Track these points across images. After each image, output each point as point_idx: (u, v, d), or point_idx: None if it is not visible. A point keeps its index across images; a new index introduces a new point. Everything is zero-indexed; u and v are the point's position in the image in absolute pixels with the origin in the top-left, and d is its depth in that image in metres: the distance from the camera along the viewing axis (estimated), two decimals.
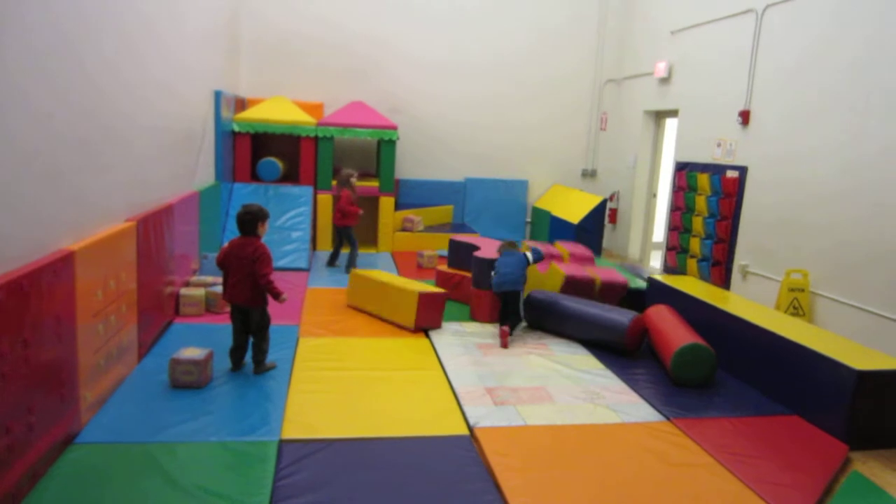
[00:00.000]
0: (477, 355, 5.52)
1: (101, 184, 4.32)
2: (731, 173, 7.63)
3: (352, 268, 7.85)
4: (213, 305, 6.13)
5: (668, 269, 8.48)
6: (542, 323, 6.34)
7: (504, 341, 5.80)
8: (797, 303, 6.36)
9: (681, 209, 8.60)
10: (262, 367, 4.82)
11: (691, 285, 6.47)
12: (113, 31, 4.52)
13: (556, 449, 3.98)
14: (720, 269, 7.76)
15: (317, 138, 9.32)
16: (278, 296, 4.71)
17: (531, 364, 5.39)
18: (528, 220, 11.18)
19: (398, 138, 9.65)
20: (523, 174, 11.15)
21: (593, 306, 6.09)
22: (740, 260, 7.49)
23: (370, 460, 3.73)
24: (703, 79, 8.35)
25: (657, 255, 10.10)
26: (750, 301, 6.22)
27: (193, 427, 3.91)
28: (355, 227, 8.23)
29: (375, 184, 9.62)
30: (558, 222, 9.86)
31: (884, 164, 5.66)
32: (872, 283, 5.74)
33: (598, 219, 9.57)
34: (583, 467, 3.79)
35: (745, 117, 7.43)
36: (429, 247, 9.17)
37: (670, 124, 9.67)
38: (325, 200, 9.22)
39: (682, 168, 8.63)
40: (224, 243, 8.20)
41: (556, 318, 6.19)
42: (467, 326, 6.31)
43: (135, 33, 5.00)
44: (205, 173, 7.56)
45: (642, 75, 9.87)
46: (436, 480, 3.55)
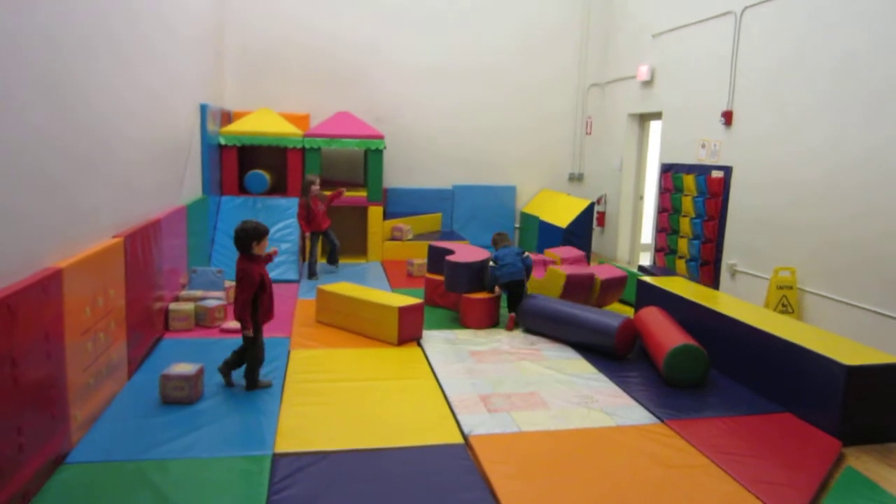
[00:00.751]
0: (470, 363, 5.51)
1: (88, 199, 4.29)
2: (716, 173, 7.68)
3: (335, 264, 8.61)
4: (202, 320, 6.10)
5: (657, 271, 8.50)
6: (534, 327, 6.35)
7: (510, 325, 6.51)
8: (786, 300, 6.40)
9: (668, 210, 8.64)
10: (251, 384, 4.72)
11: (681, 286, 6.50)
12: (104, 39, 4.51)
13: (552, 454, 3.98)
14: (709, 268, 7.79)
15: (304, 149, 9.31)
16: (243, 327, 4.58)
17: (524, 370, 5.39)
18: (517, 225, 11.19)
19: (385, 147, 9.65)
20: (511, 180, 11.17)
21: (584, 310, 6.10)
22: (728, 259, 7.53)
23: (365, 472, 3.71)
24: (685, 81, 8.41)
25: (646, 256, 10.14)
26: (739, 300, 6.25)
27: (185, 443, 3.88)
28: (331, 226, 8.55)
29: (363, 193, 9.61)
30: (547, 227, 9.88)
31: (867, 158, 5.72)
32: (860, 279, 5.78)
33: (586, 222, 9.60)
34: (579, 472, 3.78)
35: (727, 118, 7.48)
36: (418, 255, 9.15)
37: (654, 127, 9.73)
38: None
39: (667, 170, 8.67)
40: (212, 257, 8.22)
41: (548, 322, 6.20)
42: (459, 334, 6.30)
43: (125, 42, 5.00)
44: (192, 187, 7.53)
45: (625, 79, 9.93)
46: (431, 490, 3.53)
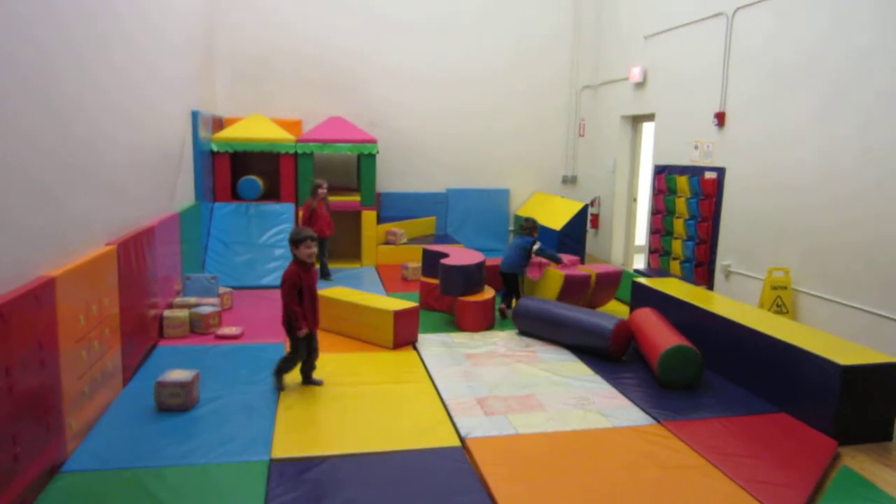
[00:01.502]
0: (466, 366, 5.50)
1: (80, 207, 4.28)
2: (709, 174, 7.70)
3: (328, 277, 8.48)
4: (197, 326, 6.08)
5: (652, 272, 8.52)
6: (529, 329, 6.36)
7: (502, 313, 6.95)
8: (780, 300, 6.42)
9: (661, 212, 8.65)
10: (276, 378, 4.91)
11: (675, 287, 6.51)
12: (93, 47, 4.51)
13: (549, 456, 3.98)
14: (703, 269, 7.81)
15: (296, 155, 9.30)
16: (296, 327, 4.78)
17: (520, 372, 5.39)
18: (511, 228, 11.20)
19: (378, 152, 9.65)
20: (504, 183, 11.18)
21: (578, 311, 6.11)
22: (722, 260, 7.55)
23: (362, 476, 3.71)
24: (677, 82, 8.44)
25: (640, 258, 10.16)
26: (734, 300, 6.27)
27: (182, 450, 3.87)
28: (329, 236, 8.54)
29: (357, 198, 9.61)
30: (541, 230, 9.86)
31: (861, 157, 5.74)
32: (854, 280, 5.80)
33: (580, 224, 9.61)
34: (576, 474, 3.79)
35: (720, 119, 7.51)
36: (413, 259, 9.15)
37: (647, 128, 9.76)
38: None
39: (660, 171, 8.69)
40: (206, 263, 8.20)
41: (543, 324, 6.21)
42: (455, 337, 6.30)
43: (114, 49, 4.99)
44: (184, 194, 7.51)
45: (618, 81, 9.96)
46: (429, 493, 3.53)
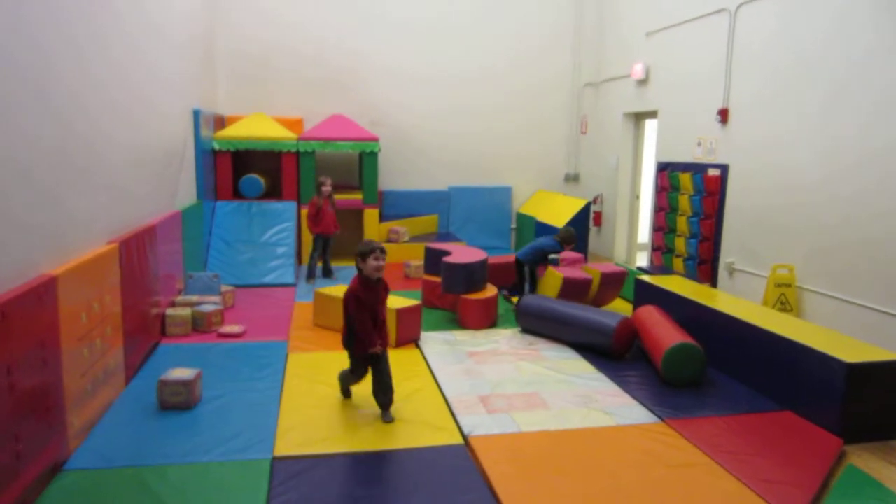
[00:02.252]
0: (468, 364, 5.49)
1: (82, 205, 4.27)
2: (712, 171, 7.67)
3: (330, 276, 8.49)
4: (199, 325, 6.07)
5: (655, 270, 8.50)
6: (532, 327, 6.34)
7: (505, 297, 7.47)
8: (784, 298, 6.39)
9: (664, 209, 8.63)
10: (342, 386, 4.75)
11: (679, 284, 6.49)
12: (93, 45, 4.49)
13: (553, 455, 3.96)
14: (706, 267, 7.78)
15: (298, 153, 9.28)
16: (366, 344, 4.36)
17: (523, 370, 5.37)
18: (514, 226, 11.18)
19: (380, 150, 9.63)
20: (506, 181, 11.16)
21: (582, 309, 6.10)
22: (726, 257, 7.52)
23: (365, 474, 3.69)
24: (680, 79, 8.41)
25: (643, 255, 10.14)
26: (738, 298, 6.24)
27: (184, 449, 3.85)
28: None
29: (359, 196, 9.59)
30: (543, 227, 9.86)
31: (866, 153, 5.71)
32: (859, 277, 5.78)
33: (582, 222, 9.59)
34: (580, 472, 3.77)
35: (723, 116, 7.48)
36: (415, 257, 9.13)
37: (650, 125, 9.73)
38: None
39: (663, 168, 8.67)
40: (208, 262, 8.19)
41: (546, 322, 6.19)
42: (457, 335, 6.29)
43: (114, 47, 4.97)
44: (186, 192, 7.50)
45: (620, 78, 9.93)
46: (432, 492, 3.51)
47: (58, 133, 3.91)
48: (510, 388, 4.99)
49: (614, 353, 5.69)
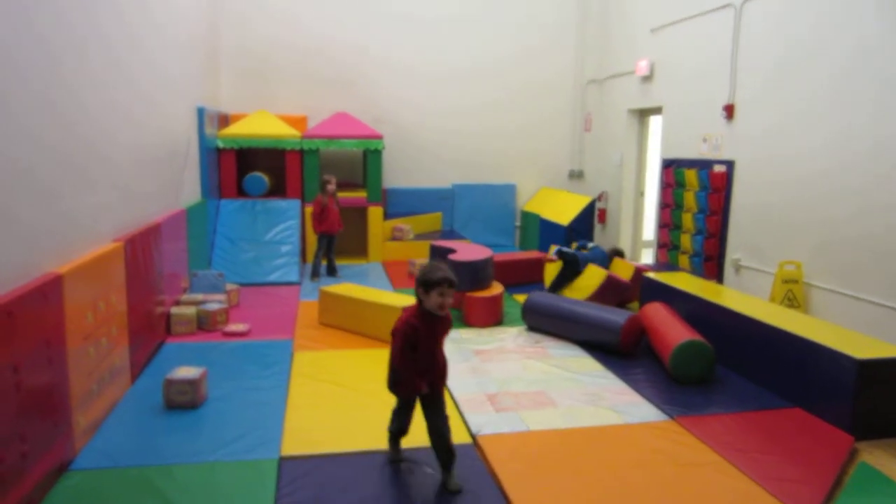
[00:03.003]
0: (475, 362, 5.46)
1: (87, 204, 4.25)
2: (718, 168, 7.63)
3: (335, 274, 8.49)
4: (204, 323, 6.04)
5: (661, 267, 8.46)
6: (538, 325, 6.31)
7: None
8: (791, 294, 6.35)
9: (670, 206, 8.59)
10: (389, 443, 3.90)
11: (685, 281, 6.45)
12: (96, 43, 4.46)
13: (561, 453, 3.93)
14: (712, 264, 7.74)
15: (302, 151, 9.26)
16: (409, 387, 3.58)
17: (531, 369, 5.34)
18: (518, 224, 11.15)
19: (384, 147, 9.60)
20: (510, 178, 11.12)
21: (588, 307, 6.07)
22: (732, 254, 7.48)
23: (373, 474, 3.67)
24: (685, 75, 8.36)
25: (648, 252, 10.09)
26: (745, 294, 6.20)
27: (191, 448, 3.83)
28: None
29: (363, 194, 9.56)
30: (548, 225, 9.84)
31: (875, 148, 5.66)
32: (867, 273, 5.72)
33: (587, 219, 9.56)
34: (589, 471, 3.74)
35: (729, 111, 7.43)
36: (419, 255, 9.10)
37: (654, 122, 9.69)
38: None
39: (668, 165, 8.62)
40: (213, 260, 8.16)
41: (552, 319, 6.17)
42: (463, 333, 6.26)
43: (117, 45, 4.94)
44: (191, 190, 7.48)
45: (624, 74, 9.88)
46: (441, 491, 3.49)
47: (61, 132, 3.88)
48: (517, 386, 4.96)
49: (622, 350, 5.66)
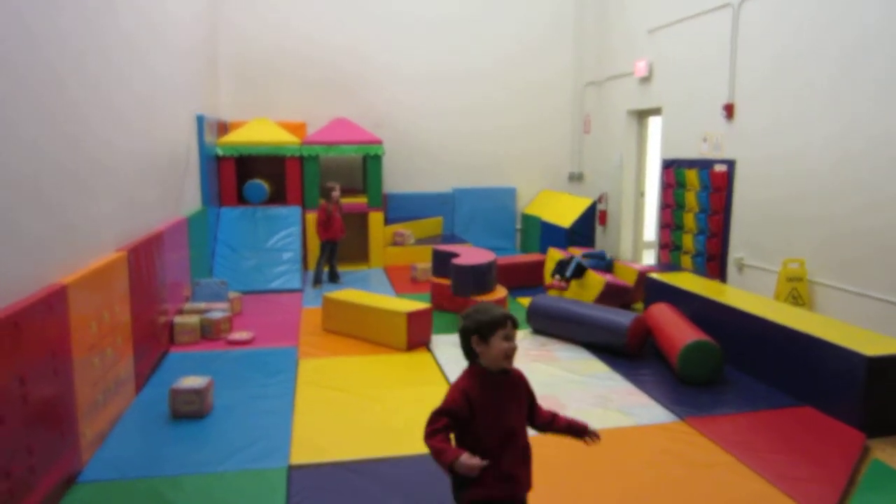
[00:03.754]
0: None
1: (89, 214, 4.22)
2: (719, 167, 7.61)
3: (337, 280, 8.48)
4: (208, 332, 6.01)
5: (663, 267, 8.44)
6: (543, 328, 6.29)
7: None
8: (796, 292, 6.33)
9: (671, 206, 8.57)
10: None
11: (689, 281, 6.44)
12: (96, 53, 4.44)
13: (573, 456, 3.89)
14: (715, 263, 7.72)
15: (302, 158, 9.24)
16: (440, 459, 2.44)
17: (538, 372, 5.31)
18: (519, 227, 11.13)
19: (384, 153, 9.58)
20: (510, 181, 11.11)
21: (594, 309, 6.05)
22: (735, 253, 7.46)
23: (383, 480, 3.63)
24: (684, 75, 8.36)
25: (649, 253, 10.08)
26: (750, 293, 6.18)
27: (199, 458, 3.80)
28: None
29: (363, 200, 9.54)
30: (550, 228, 9.82)
31: (876, 145, 5.63)
32: (872, 269, 5.70)
33: (588, 221, 9.54)
34: (602, 473, 3.71)
35: (729, 111, 7.42)
36: (421, 260, 9.09)
37: (653, 122, 9.68)
38: (314, 219, 9.14)
39: (669, 165, 8.61)
40: (214, 268, 8.12)
41: (558, 322, 6.14)
42: None
43: (117, 55, 4.92)
44: (191, 199, 7.45)
45: (623, 76, 9.87)
46: (451, 497, 3.45)
47: (63, 143, 3.86)
48: None
49: (628, 351, 5.64)
